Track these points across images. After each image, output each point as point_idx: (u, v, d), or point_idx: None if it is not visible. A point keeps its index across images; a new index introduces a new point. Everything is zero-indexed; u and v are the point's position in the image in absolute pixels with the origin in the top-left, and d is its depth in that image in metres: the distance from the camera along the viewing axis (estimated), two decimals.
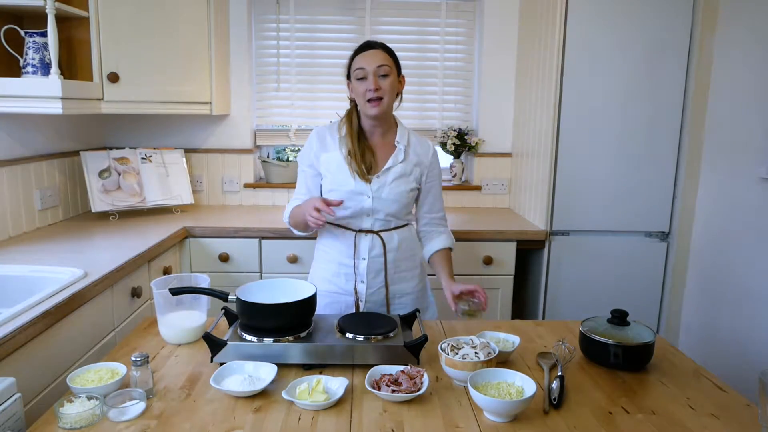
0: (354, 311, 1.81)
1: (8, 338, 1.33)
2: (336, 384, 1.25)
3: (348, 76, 1.79)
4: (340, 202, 1.68)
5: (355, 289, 1.82)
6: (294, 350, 1.34)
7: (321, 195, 1.83)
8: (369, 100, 1.72)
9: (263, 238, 2.62)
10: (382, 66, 1.71)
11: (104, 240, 2.30)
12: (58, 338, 1.56)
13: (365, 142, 1.81)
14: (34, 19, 2.30)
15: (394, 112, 1.85)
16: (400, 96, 1.82)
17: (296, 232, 1.88)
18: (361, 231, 1.80)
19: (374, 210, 1.78)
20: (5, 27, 2.21)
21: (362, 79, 1.72)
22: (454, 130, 3.17)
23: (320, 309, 1.82)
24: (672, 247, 2.73)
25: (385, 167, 1.78)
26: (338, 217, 1.80)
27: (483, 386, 1.20)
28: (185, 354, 1.43)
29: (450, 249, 1.93)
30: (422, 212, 1.92)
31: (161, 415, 1.15)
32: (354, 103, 1.82)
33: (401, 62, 1.80)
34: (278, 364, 1.31)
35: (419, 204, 1.91)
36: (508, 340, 1.44)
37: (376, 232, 1.80)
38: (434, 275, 1.91)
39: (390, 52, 1.77)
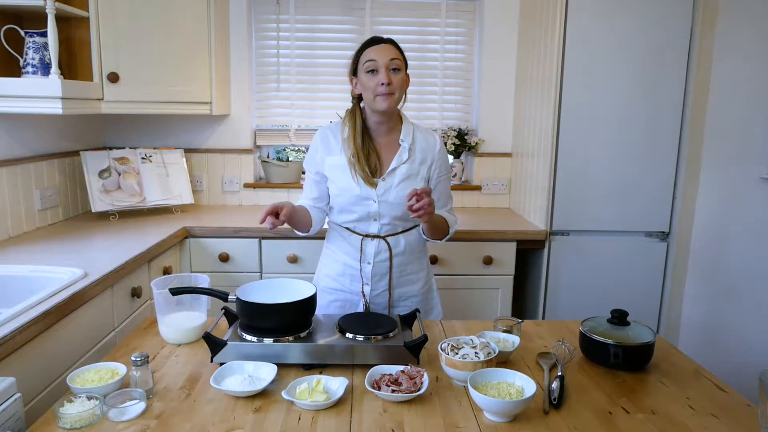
0: (359, 311, 1.80)
1: (8, 338, 1.33)
2: (336, 384, 1.25)
3: (354, 72, 1.73)
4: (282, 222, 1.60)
5: (363, 291, 1.81)
6: (294, 350, 1.34)
7: (329, 199, 1.82)
8: (380, 94, 1.66)
9: (263, 238, 2.62)
10: (395, 59, 1.67)
11: (104, 240, 2.30)
12: (58, 338, 1.56)
13: (369, 143, 1.76)
14: (34, 19, 2.30)
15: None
16: (405, 95, 1.77)
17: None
18: (367, 235, 1.78)
19: (381, 214, 1.75)
20: (5, 27, 2.21)
21: (373, 72, 1.66)
22: (454, 130, 3.17)
23: (326, 306, 1.84)
24: (672, 247, 2.72)
25: (390, 168, 1.74)
26: (345, 221, 1.79)
27: (483, 386, 1.20)
28: (185, 354, 1.43)
29: (446, 220, 1.82)
30: None
31: (161, 415, 1.15)
32: (357, 101, 1.76)
33: None
34: (278, 364, 1.31)
35: None
36: (508, 340, 1.44)
37: (383, 237, 1.78)
38: (439, 275, 1.84)
39: (400, 49, 1.72)
